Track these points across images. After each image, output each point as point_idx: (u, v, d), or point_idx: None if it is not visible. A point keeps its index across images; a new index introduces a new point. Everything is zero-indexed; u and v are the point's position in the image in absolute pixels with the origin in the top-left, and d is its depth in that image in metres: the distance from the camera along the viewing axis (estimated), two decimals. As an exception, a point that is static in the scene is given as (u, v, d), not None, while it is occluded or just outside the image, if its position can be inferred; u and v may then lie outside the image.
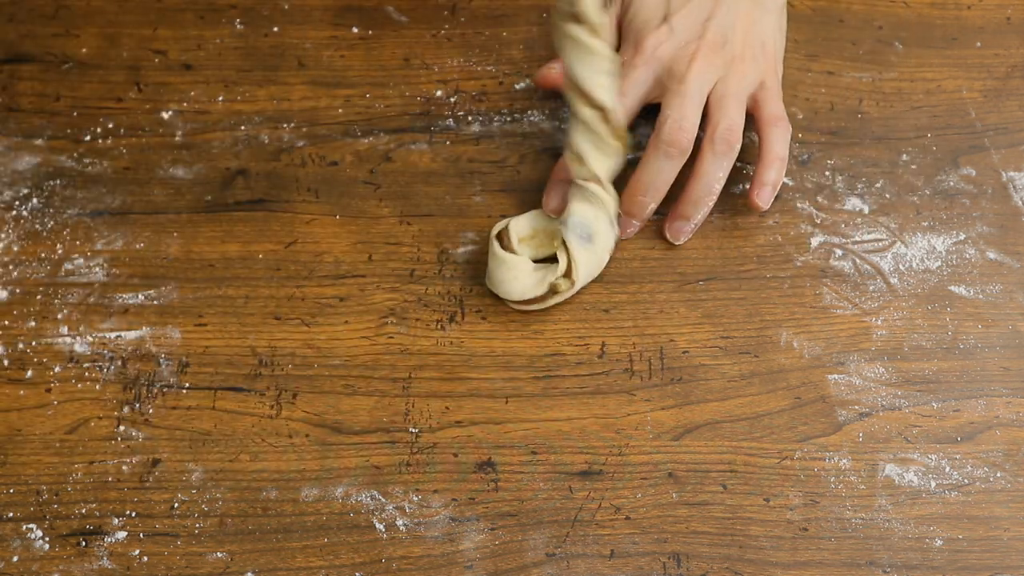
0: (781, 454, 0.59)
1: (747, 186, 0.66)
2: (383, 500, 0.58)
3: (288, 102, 0.69)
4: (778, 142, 0.64)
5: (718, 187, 0.64)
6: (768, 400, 0.61)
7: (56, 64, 0.70)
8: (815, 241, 0.65)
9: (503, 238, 0.62)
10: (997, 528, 0.58)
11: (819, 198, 0.66)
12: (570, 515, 0.58)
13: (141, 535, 0.57)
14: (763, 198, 0.64)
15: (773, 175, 0.64)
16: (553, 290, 0.61)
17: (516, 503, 0.58)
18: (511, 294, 0.62)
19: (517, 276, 0.61)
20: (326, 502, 0.58)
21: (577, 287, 0.62)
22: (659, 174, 0.63)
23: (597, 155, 0.61)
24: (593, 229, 0.61)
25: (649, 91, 0.65)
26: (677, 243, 0.65)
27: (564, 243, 0.61)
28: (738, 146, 0.63)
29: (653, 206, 0.64)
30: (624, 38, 0.67)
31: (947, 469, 0.59)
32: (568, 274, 0.61)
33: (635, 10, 0.67)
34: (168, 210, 0.66)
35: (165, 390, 0.61)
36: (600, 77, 0.59)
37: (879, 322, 0.63)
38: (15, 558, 0.57)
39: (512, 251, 0.61)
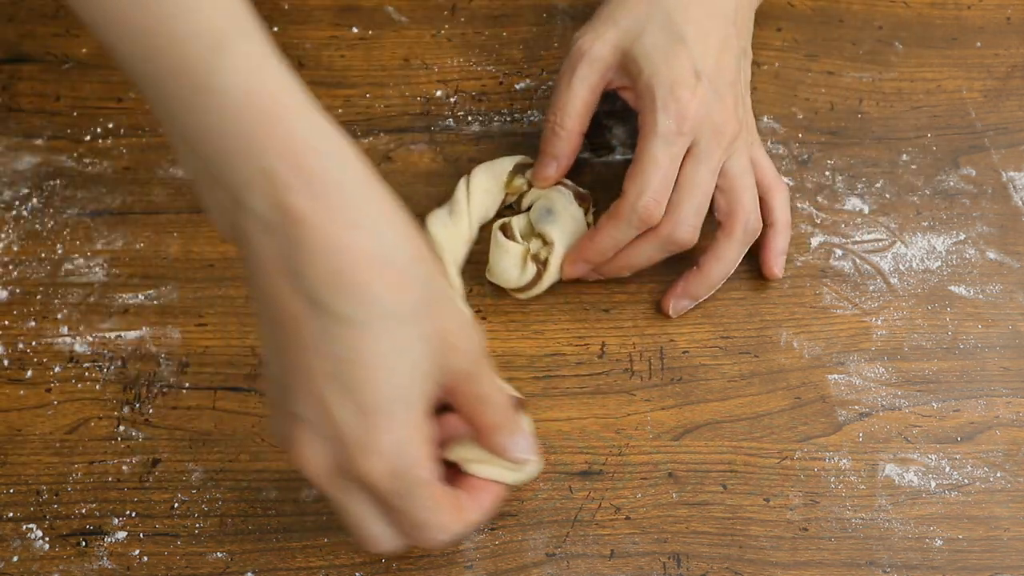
0: (781, 454, 0.59)
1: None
2: (383, 500, 0.58)
3: (288, 102, 0.69)
4: (783, 208, 0.63)
5: (732, 270, 0.62)
6: (768, 400, 0.61)
7: (56, 64, 0.70)
8: (815, 241, 0.65)
9: (506, 231, 0.62)
10: (997, 528, 0.58)
11: (819, 198, 0.66)
12: (570, 515, 0.58)
13: (141, 535, 0.57)
14: (780, 266, 0.63)
15: (784, 242, 0.63)
16: (536, 260, 0.61)
17: (516, 503, 0.58)
18: (510, 282, 0.62)
19: (517, 264, 0.61)
20: (326, 502, 0.58)
21: (560, 250, 0.61)
22: (647, 260, 0.61)
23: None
24: (550, 204, 0.63)
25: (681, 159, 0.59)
26: (672, 317, 0.62)
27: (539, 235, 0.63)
28: (760, 229, 0.62)
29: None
30: (647, 91, 0.59)
31: (947, 469, 0.59)
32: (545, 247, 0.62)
33: (652, 59, 0.59)
34: (168, 210, 0.66)
35: (165, 390, 0.61)
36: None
37: (879, 322, 0.63)
38: (15, 558, 0.57)
39: (516, 242, 0.62)
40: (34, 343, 0.62)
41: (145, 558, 0.57)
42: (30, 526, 0.57)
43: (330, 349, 0.44)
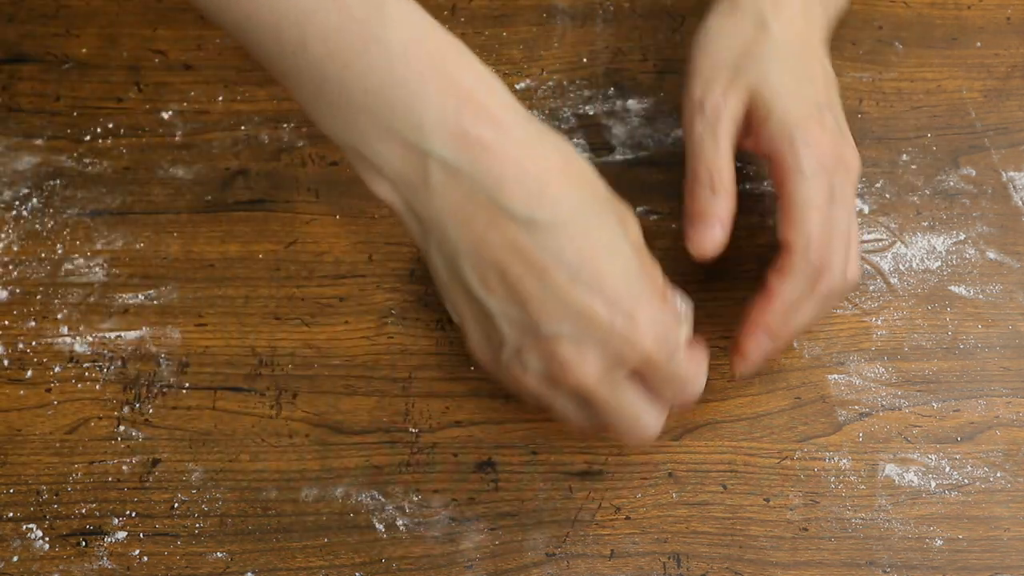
0: (781, 454, 0.59)
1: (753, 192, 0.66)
2: (383, 500, 0.58)
3: (288, 102, 0.69)
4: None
5: (808, 321, 0.56)
6: (768, 400, 0.61)
7: (56, 64, 0.70)
8: (815, 241, 0.65)
9: None
10: (997, 528, 0.58)
11: (819, 198, 0.66)
12: (570, 515, 0.58)
13: (141, 535, 0.57)
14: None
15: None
16: None
17: (516, 503, 0.58)
18: None
19: None
20: (326, 502, 0.58)
21: None
22: (812, 320, 0.56)
23: None
24: None
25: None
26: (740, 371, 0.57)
27: None
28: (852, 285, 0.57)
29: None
30: (782, 130, 0.55)
31: (947, 469, 0.59)
32: None
33: (781, 98, 0.56)
34: (168, 210, 0.66)
35: (165, 390, 0.61)
36: None
37: (879, 322, 0.63)
38: (15, 558, 0.57)
39: None
40: (34, 343, 0.62)
41: (145, 558, 0.57)
42: (30, 526, 0.57)
43: (560, 258, 0.46)
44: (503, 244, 0.46)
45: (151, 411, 0.60)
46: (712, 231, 0.55)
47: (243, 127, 0.68)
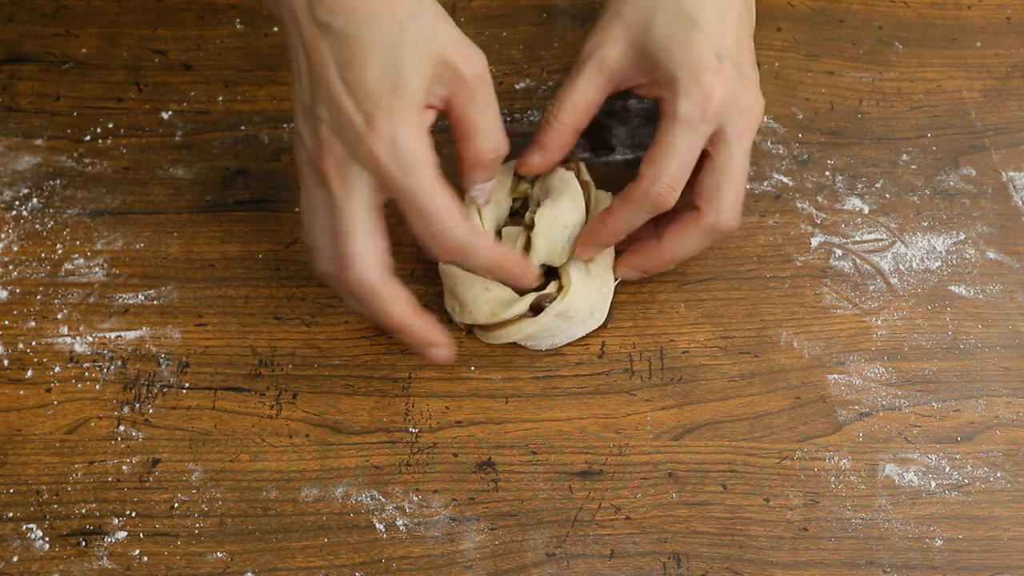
0: (781, 454, 0.59)
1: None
2: (383, 500, 0.58)
3: (288, 102, 0.69)
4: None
5: (690, 256, 0.62)
6: (768, 400, 0.61)
7: (56, 64, 0.70)
8: (815, 241, 0.65)
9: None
10: (997, 528, 0.58)
11: (819, 198, 0.66)
12: (570, 515, 0.58)
13: (141, 535, 0.57)
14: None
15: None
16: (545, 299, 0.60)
17: (516, 503, 0.58)
18: (553, 255, 0.61)
19: (488, 286, 0.60)
20: (326, 502, 0.58)
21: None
22: (692, 251, 0.61)
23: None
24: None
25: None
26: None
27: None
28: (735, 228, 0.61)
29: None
30: (667, 79, 0.58)
31: (947, 469, 0.59)
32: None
33: (667, 47, 0.58)
34: (168, 210, 0.66)
35: (165, 390, 0.61)
36: None
37: (879, 322, 0.63)
38: (15, 558, 0.57)
39: None
40: (34, 343, 0.62)
41: (145, 558, 0.57)
42: (30, 526, 0.57)
43: (338, 58, 0.53)
44: (308, 41, 0.54)
45: (151, 411, 0.60)
46: (532, 156, 0.61)
47: (243, 127, 0.68)
